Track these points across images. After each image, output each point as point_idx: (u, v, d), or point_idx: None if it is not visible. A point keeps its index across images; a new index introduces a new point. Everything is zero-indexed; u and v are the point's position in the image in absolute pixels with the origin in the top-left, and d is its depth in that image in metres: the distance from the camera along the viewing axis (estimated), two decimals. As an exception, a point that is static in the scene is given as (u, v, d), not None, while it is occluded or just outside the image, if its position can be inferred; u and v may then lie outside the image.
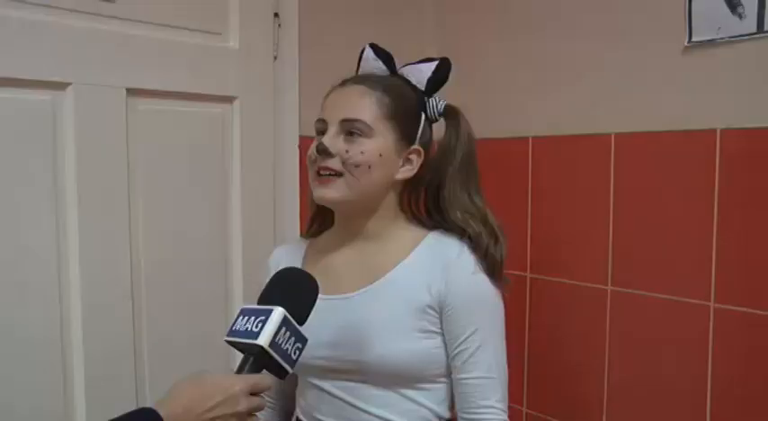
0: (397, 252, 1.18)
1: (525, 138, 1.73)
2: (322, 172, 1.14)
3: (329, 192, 1.14)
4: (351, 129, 1.14)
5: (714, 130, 1.40)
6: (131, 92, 1.48)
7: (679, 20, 1.43)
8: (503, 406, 1.16)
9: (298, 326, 0.97)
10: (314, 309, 1.04)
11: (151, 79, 1.51)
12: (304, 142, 1.78)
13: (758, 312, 1.34)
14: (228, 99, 1.66)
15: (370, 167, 1.13)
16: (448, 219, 1.20)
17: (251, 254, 1.70)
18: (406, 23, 1.94)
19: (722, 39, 1.37)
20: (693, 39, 1.42)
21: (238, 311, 1.00)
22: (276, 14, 1.72)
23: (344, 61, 1.83)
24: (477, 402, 1.15)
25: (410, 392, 1.16)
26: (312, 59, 1.79)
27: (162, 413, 0.87)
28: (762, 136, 1.33)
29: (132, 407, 1.46)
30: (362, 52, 1.26)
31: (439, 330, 1.16)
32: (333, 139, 1.14)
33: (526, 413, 1.79)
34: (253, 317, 0.96)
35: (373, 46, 1.25)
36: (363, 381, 1.15)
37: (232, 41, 1.66)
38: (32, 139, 1.36)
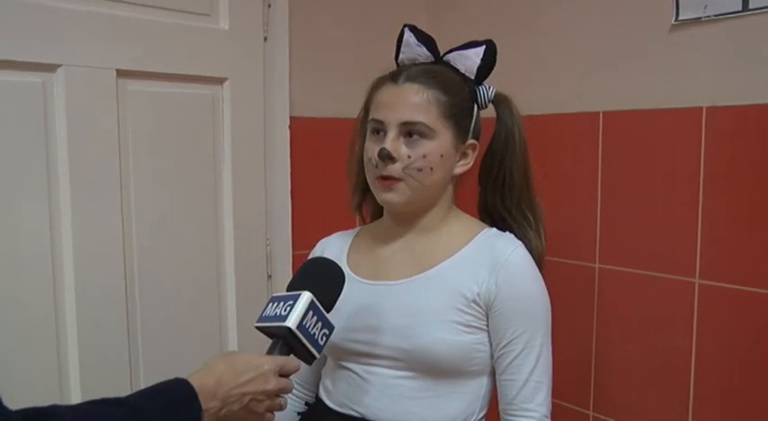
0: (449, 245, 1.17)
1: (515, 118, 1.73)
2: (385, 179, 1.12)
3: (394, 197, 1.13)
4: (411, 132, 1.11)
5: (700, 108, 1.41)
6: (121, 73, 1.48)
7: (666, -2, 1.44)
8: (545, 410, 1.14)
9: (325, 313, 1.01)
10: (359, 292, 1.05)
11: (141, 60, 1.51)
12: (295, 123, 1.79)
13: (741, 288, 1.37)
14: (219, 80, 1.66)
15: (432, 169, 1.12)
16: (512, 214, 1.21)
17: (242, 234, 1.72)
18: (396, 2, 1.94)
19: (708, 17, 1.38)
20: (680, 17, 1.43)
21: (268, 299, 1.03)
22: (266, -5, 1.72)
23: (335, 42, 1.85)
24: (519, 404, 1.13)
25: (444, 388, 1.14)
26: (302, 40, 1.79)
27: (195, 383, 0.90)
28: (747, 113, 1.34)
29: (126, 385, 1.51)
30: (401, 36, 1.20)
31: (483, 327, 1.14)
32: (394, 143, 1.11)
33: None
34: (281, 303, 1.00)
35: (413, 29, 1.20)
36: (398, 369, 1.14)
37: (222, 22, 1.65)
38: (23, 121, 1.37)
